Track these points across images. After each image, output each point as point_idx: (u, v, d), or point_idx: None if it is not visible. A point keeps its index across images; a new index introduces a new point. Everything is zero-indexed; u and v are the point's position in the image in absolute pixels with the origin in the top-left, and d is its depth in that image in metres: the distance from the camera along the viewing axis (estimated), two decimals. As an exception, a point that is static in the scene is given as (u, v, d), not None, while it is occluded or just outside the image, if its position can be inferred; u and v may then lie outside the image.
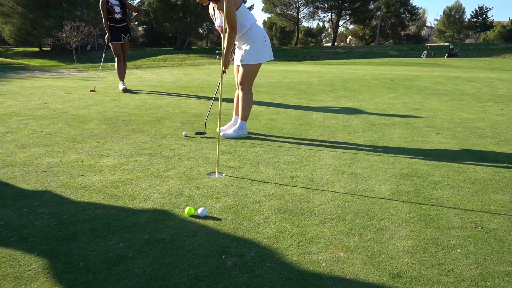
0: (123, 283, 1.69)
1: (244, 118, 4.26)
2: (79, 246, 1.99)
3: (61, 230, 2.14)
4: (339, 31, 64.41)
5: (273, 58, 4.30)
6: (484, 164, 3.43)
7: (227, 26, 3.84)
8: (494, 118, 5.50)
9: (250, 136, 4.29)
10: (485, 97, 7.55)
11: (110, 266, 1.81)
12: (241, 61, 4.15)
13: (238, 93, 4.36)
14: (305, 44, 62.94)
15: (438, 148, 3.95)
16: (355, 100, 6.98)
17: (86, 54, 38.64)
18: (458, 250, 2.00)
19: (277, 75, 11.06)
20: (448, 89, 8.64)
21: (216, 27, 4.14)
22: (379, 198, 2.67)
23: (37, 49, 44.44)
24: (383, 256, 1.93)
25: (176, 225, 2.23)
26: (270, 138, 4.25)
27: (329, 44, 60.27)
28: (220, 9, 3.91)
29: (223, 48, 3.47)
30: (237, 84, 4.28)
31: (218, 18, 4.05)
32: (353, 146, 3.98)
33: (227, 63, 3.96)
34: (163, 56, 35.43)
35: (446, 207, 2.53)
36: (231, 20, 3.81)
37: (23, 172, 3.03)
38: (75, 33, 30.81)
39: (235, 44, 4.20)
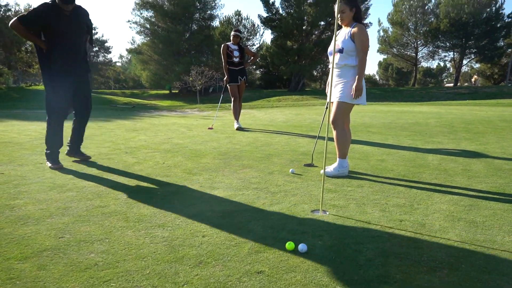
0: (221, 308, 1.75)
1: (342, 156, 4.19)
2: (184, 269, 2.12)
3: (171, 253, 2.31)
4: (463, 71, 60.24)
5: (365, 104, 4.22)
6: None
7: (362, 52, 3.98)
8: None
9: (358, 176, 4.18)
10: None
11: (210, 291, 1.89)
12: (337, 98, 4.12)
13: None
14: (423, 84, 60.07)
15: None
16: (478, 143, 6.39)
17: (208, 95, 41.94)
18: None
19: (391, 116, 10.69)
20: None
21: (330, 51, 4.15)
22: (502, 250, 2.37)
23: (167, 92, 49.63)
24: (503, 315, 1.70)
25: (275, 258, 2.25)
26: (379, 179, 4.09)
27: (451, 85, 56.54)
28: (357, 37, 3.96)
29: (359, 72, 3.63)
30: (330, 123, 4.19)
31: (340, 41, 4.08)
32: (473, 192, 3.62)
33: (360, 88, 3.97)
34: (277, 97, 36.79)
35: None
36: (366, 46, 3.95)
37: (145, 198, 3.36)
38: (199, 77, 33.86)
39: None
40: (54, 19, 4.20)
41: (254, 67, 51.19)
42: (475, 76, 62.08)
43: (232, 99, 8.07)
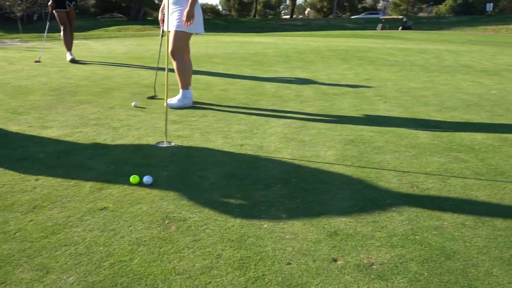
0: (61, 250, 1.67)
1: (185, 86, 4.18)
2: (16, 216, 1.93)
3: (-3, 202, 2.07)
4: (298, 3, 64.13)
5: (204, 33, 4.21)
6: (425, 130, 3.59)
7: None
8: (439, 87, 5.73)
9: (202, 106, 4.25)
10: (432, 67, 7.82)
11: (48, 235, 1.77)
12: (174, 26, 3.97)
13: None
14: (263, 16, 62.32)
15: (384, 115, 4.09)
16: (309, 71, 7.05)
17: (33, 24, 36.41)
18: (393, 208, 2.10)
19: (233, 46, 10.93)
20: (399, 60, 8.88)
21: None
22: (324, 163, 2.74)
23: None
24: (323, 216, 2.01)
25: (120, 193, 2.21)
26: (222, 108, 4.24)
27: (288, 17, 59.95)
28: None
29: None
30: (169, 54, 4.03)
31: None
32: (303, 115, 4.04)
33: (191, 15, 3.83)
34: (116, 27, 34.02)
35: (386, 169, 2.64)
36: None
37: (-42, 144, 2.88)
38: (19, 1, 28.89)
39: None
40: None
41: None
42: (308, 9, 66.83)
43: (62, 28, 7.16)
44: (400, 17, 38.06)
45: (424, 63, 8.47)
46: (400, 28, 31.70)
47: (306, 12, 68.87)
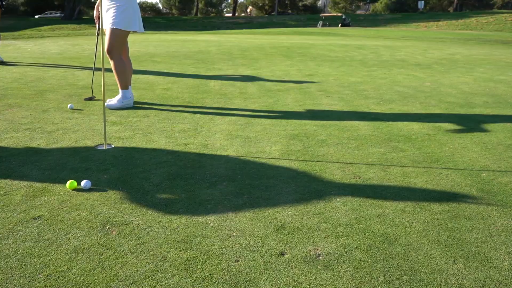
0: (-10, 265, 1.53)
1: (124, 86, 4.03)
2: None
3: None
4: (240, 1, 64.26)
5: (143, 31, 4.10)
6: (366, 122, 3.71)
7: None
8: (377, 81, 5.96)
9: (143, 106, 4.12)
10: (370, 62, 8.13)
11: (-26, 250, 1.63)
12: (110, 24, 3.81)
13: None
14: (205, 14, 61.86)
15: (327, 109, 4.18)
16: (253, 68, 7.06)
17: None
18: (338, 199, 2.14)
19: (175, 45, 10.73)
20: (339, 56, 9.15)
21: None
22: (269, 158, 2.75)
23: None
24: (269, 211, 2.01)
25: (56, 200, 2.07)
26: (165, 107, 4.13)
27: (230, 15, 59.92)
28: None
29: None
30: (106, 53, 3.89)
31: None
32: (248, 112, 4.03)
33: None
34: (50, 26, 32.31)
35: (330, 162, 2.70)
36: None
37: None
38: None
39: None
40: None
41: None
42: (250, 7, 67.18)
43: (-13, 27, 6.67)
44: (339, 14, 39.27)
45: (363, 58, 8.78)
46: (339, 25, 32.72)
47: (248, 10, 69.22)
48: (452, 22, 35.07)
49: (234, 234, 1.79)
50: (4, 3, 6.86)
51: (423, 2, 47.13)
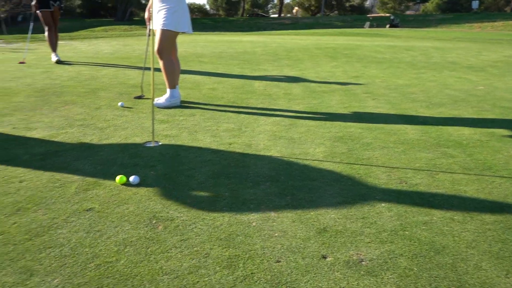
0: (46, 252, 1.63)
1: (172, 86, 4.14)
2: (-1, 219, 1.88)
3: (-20, 205, 2.02)
4: (285, 2, 64.22)
5: (191, 32, 4.18)
6: (414, 125, 3.60)
7: None
8: (426, 83, 5.77)
9: (190, 106, 4.22)
10: (420, 64, 7.87)
11: (32, 237, 1.73)
12: (161, 25, 3.92)
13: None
14: (252, 15, 62.22)
15: (372, 112, 4.09)
16: (298, 69, 7.04)
17: (18, 25, 35.94)
18: (382, 204, 2.10)
19: (221, 46, 10.88)
20: (387, 57, 8.92)
21: None
22: (313, 160, 2.73)
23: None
24: (312, 213, 2.00)
25: (106, 194, 2.17)
26: (211, 107, 4.20)
27: (276, 15, 60.00)
28: None
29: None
30: (156, 53, 4.01)
31: None
32: (292, 113, 4.02)
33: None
34: (103, 27, 33.72)
35: (375, 166, 2.64)
36: None
37: None
38: (3, 3, 28.48)
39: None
40: None
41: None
42: (296, 8, 66.94)
43: (46, 28, 7.05)
44: (388, 15, 38.34)
45: (411, 60, 8.52)
46: (387, 26, 31.92)
47: (294, 11, 69.01)
48: (509, 23, 33.31)
49: (276, 234, 1.80)
50: (62, 5, 7.23)
51: (477, 1, 45.05)
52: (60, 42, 7.57)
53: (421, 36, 18.77)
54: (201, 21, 40.31)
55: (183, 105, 4.23)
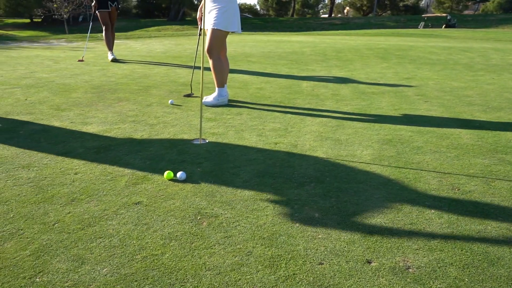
0: (96, 242, 1.70)
1: (221, 85, 4.19)
2: (55, 208, 1.99)
3: (38, 194, 2.14)
4: (336, 2, 63.31)
5: (241, 32, 4.20)
6: (469, 130, 3.43)
7: None
8: (484, 86, 5.48)
9: (237, 105, 4.26)
10: (477, 66, 7.49)
11: (84, 227, 1.82)
12: (212, 25, 3.98)
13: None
14: (301, 15, 61.91)
15: (424, 115, 3.94)
16: (347, 70, 6.92)
17: (78, 25, 37.90)
18: (432, 211, 2.01)
19: (270, 45, 10.91)
20: (441, 58, 8.57)
21: None
22: (360, 162, 2.67)
23: (27, 21, 43.55)
24: (357, 216, 1.95)
25: (154, 188, 2.23)
26: (258, 106, 4.22)
27: (326, 16, 59.31)
28: None
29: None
30: (206, 52, 4.06)
31: None
32: (340, 114, 3.96)
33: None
34: (156, 27, 34.83)
35: (425, 170, 2.54)
36: None
37: (4, 138, 3.01)
38: (66, 4, 30.14)
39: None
40: None
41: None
42: (347, 8, 65.82)
43: (104, 28, 7.39)
44: (444, 15, 36.80)
45: (468, 61, 8.13)
46: (443, 26, 30.65)
47: (345, 11, 67.89)
48: None
49: (320, 236, 1.78)
50: (119, 6, 7.54)
51: (544, 0, 42.14)
52: (116, 41, 7.91)
53: (479, 37, 17.85)
54: (251, 21, 40.61)
55: (231, 104, 4.28)
